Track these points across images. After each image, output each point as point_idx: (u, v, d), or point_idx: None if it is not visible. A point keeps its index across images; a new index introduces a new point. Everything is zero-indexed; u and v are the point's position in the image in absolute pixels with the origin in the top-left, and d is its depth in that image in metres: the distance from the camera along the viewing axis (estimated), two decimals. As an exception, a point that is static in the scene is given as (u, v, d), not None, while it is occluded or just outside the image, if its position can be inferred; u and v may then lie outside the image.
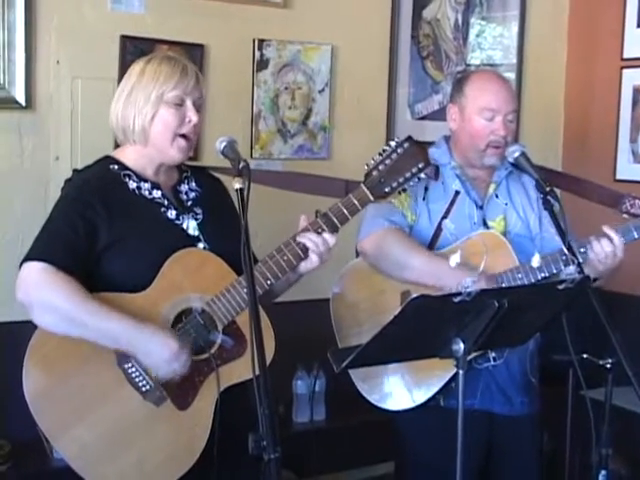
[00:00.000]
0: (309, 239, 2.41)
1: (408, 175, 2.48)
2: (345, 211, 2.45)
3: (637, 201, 2.88)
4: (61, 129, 3.49)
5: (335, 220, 2.44)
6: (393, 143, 2.49)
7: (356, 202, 2.46)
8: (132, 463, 2.31)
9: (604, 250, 2.72)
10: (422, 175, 2.50)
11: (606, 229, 2.74)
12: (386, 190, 2.48)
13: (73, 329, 2.27)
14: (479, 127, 2.85)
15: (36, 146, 3.45)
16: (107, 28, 3.54)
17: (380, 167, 2.47)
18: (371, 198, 2.47)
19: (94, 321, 2.26)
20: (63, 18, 3.46)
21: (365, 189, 2.47)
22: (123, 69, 2.51)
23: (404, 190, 2.52)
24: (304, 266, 2.44)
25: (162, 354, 2.29)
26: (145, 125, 2.39)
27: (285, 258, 2.40)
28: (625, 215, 2.90)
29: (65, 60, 3.48)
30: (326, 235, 2.41)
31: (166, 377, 2.32)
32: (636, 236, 2.75)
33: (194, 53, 3.69)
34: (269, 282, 2.40)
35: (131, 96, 2.40)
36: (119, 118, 2.42)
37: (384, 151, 2.49)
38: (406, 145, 2.48)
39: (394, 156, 2.47)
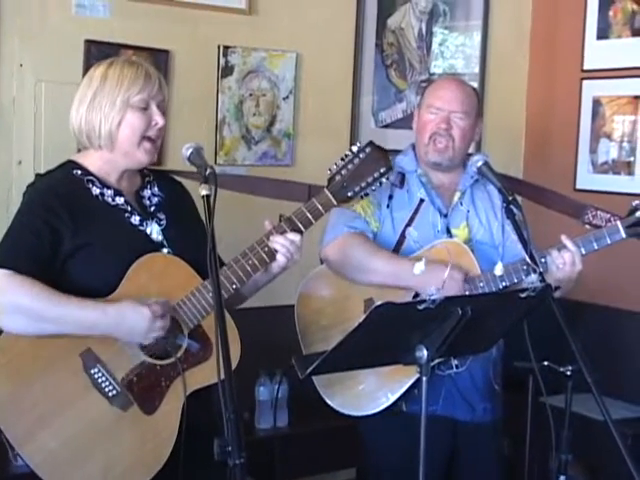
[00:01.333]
0: (275, 242, 2.42)
1: (370, 180, 2.51)
2: (309, 215, 2.46)
3: (599, 212, 2.92)
4: (24, 133, 3.47)
5: (299, 224, 2.45)
6: (355, 148, 2.52)
7: (319, 206, 2.47)
8: (98, 469, 2.30)
9: (562, 257, 2.75)
10: (384, 180, 2.53)
11: (564, 239, 2.78)
12: (349, 194, 2.50)
13: (46, 326, 2.26)
14: (425, 121, 2.94)
15: (-2, 150, 3.43)
16: (71, 32, 3.52)
17: (343, 172, 2.49)
18: (334, 202, 2.49)
19: (68, 313, 2.25)
20: (27, 21, 3.44)
21: (328, 193, 2.48)
22: (87, 73, 2.49)
23: (366, 195, 2.54)
24: (276, 267, 2.45)
25: (141, 326, 2.28)
26: (112, 130, 2.38)
27: (250, 262, 2.41)
28: (587, 226, 2.94)
29: (29, 63, 3.45)
30: (290, 235, 2.42)
31: (151, 342, 2.33)
32: (596, 247, 2.77)
33: (159, 59, 3.68)
34: (234, 286, 2.40)
35: (95, 101, 2.38)
36: (83, 123, 2.40)
37: (346, 156, 2.51)
38: (368, 150, 2.51)
39: (356, 161, 2.50)
